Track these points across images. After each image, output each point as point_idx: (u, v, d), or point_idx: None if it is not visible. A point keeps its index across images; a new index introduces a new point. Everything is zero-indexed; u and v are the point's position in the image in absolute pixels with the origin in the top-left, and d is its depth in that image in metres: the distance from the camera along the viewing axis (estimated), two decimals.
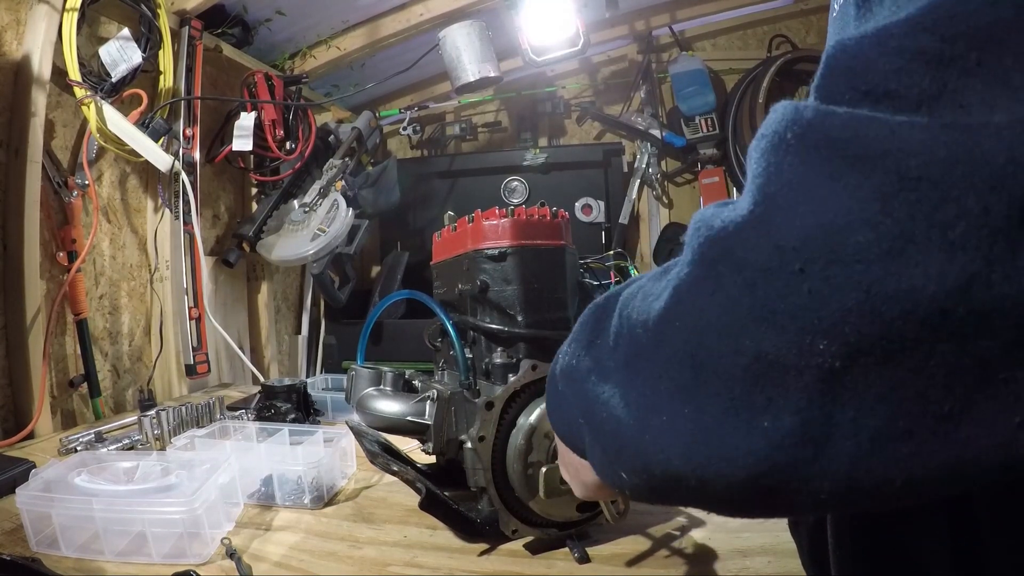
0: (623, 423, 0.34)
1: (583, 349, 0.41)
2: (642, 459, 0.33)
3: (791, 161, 0.28)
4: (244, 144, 2.10)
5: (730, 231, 0.29)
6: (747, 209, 0.28)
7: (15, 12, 1.49)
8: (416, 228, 3.07)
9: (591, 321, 0.41)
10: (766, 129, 0.30)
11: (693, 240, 0.31)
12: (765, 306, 0.27)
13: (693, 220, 0.33)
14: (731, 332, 0.28)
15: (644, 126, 3.02)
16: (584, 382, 0.38)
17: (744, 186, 0.31)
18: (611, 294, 0.41)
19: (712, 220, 0.30)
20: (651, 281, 0.36)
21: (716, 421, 0.29)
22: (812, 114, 0.28)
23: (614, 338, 0.37)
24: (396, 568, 0.81)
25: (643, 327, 0.33)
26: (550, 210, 0.91)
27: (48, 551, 0.83)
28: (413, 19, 2.37)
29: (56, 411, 1.57)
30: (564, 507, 0.82)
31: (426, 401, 0.90)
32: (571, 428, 0.43)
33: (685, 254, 0.32)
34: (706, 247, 0.30)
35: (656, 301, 0.33)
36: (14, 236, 1.46)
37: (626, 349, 0.35)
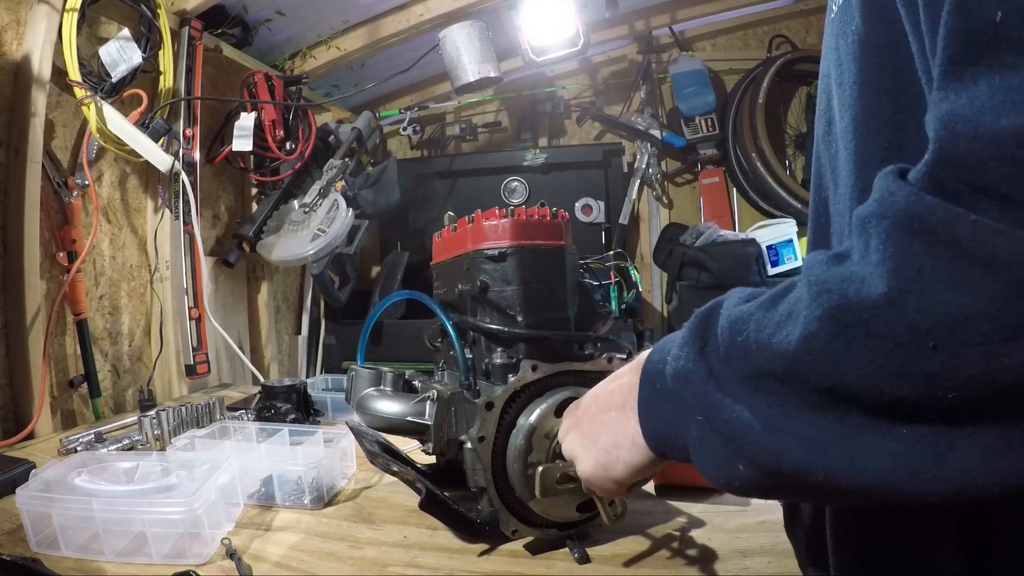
0: (751, 426, 0.41)
1: (696, 354, 0.46)
2: (770, 455, 0.40)
3: (920, 252, 0.34)
4: (244, 144, 2.10)
5: (866, 305, 0.35)
6: (882, 290, 0.34)
7: (15, 12, 1.49)
8: (416, 228, 3.07)
9: (699, 330, 0.47)
10: (886, 209, 0.35)
11: (821, 297, 0.37)
12: (902, 367, 0.34)
13: (813, 272, 0.39)
14: (869, 380, 0.35)
15: (644, 126, 3.02)
16: (704, 384, 0.44)
17: (860, 250, 0.37)
18: (714, 305, 0.47)
19: (845, 288, 0.36)
20: (761, 310, 0.42)
21: (855, 430, 0.36)
22: (943, 213, 0.33)
23: (725, 350, 0.43)
24: (396, 568, 0.81)
25: (767, 359, 0.40)
26: (550, 210, 0.91)
27: (48, 551, 0.83)
28: (413, 19, 2.37)
29: (56, 411, 1.57)
30: (564, 507, 0.82)
31: (426, 401, 0.90)
32: (671, 427, 0.49)
33: (809, 305, 0.38)
34: (839, 312, 0.36)
35: (776, 339, 0.39)
36: (14, 236, 1.46)
37: (741, 368, 0.42)
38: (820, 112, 0.59)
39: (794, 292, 0.40)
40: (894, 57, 0.47)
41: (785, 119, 3.08)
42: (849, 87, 0.51)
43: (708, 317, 0.47)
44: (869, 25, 0.48)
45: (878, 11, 0.48)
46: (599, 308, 1.02)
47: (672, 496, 1.00)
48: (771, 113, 2.97)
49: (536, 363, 0.82)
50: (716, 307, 0.47)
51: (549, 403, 0.80)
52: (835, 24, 0.54)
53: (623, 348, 0.93)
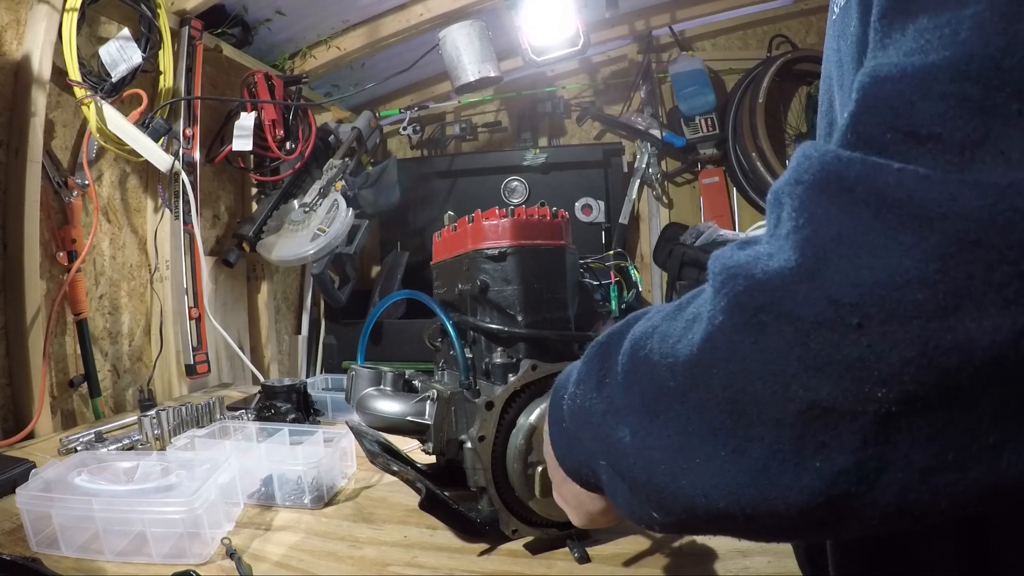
0: (654, 466, 0.35)
1: (593, 390, 0.41)
2: (681, 501, 0.34)
3: (838, 214, 0.28)
4: (244, 144, 2.10)
5: (775, 283, 0.29)
6: (795, 261, 0.29)
7: (15, 12, 1.49)
8: (416, 228, 3.07)
9: (596, 360, 0.42)
10: (800, 174, 0.30)
11: (725, 286, 0.32)
12: (819, 357, 0.28)
13: (718, 262, 0.34)
14: (780, 380, 0.29)
15: (644, 126, 3.02)
16: (600, 425, 0.39)
17: (771, 228, 0.31)
18: (613, 332, 0.42)
19: (750, 268, 0.31)
20: (666, 321, 0.36)
21: (762, 463, 0.30)
22: (860, 167, 0.28)
23: (624, 376, 0.38)
24: (396, 568, 0.81)
25: (668, 370, 0.34)
26: (550, 210, 0.91)
27: (48, 551, 0.83)
28: (413, 19, 2.37)
29: (56, 411, 1.57)
30: None
31: (426, 401, 0.90)
32: (583, 466, 0.44)
33: (713, 299, 0.32)
34: (745, 296, 0.30)
35: (681, 344, 0.33)
36: (14, 236, 1.46)
37: (643, 390, 0.36)
38: (822, 113, 0.59)
39: (703, 293, 0.35)
40: None
41: (785, 119, 3.08)
42: (849, 89, 0.51)
43: (607, 345, 0.42)
44: (865, 26, 0.49)
45: (869, 12, 0.48)
46: (599, 308, 1.03)
47: None
48: (771, 113, 2.97)
49: (536, 363, 0.82)
50: (619, 332, 0.42)
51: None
52: (836, 26, 0.54)
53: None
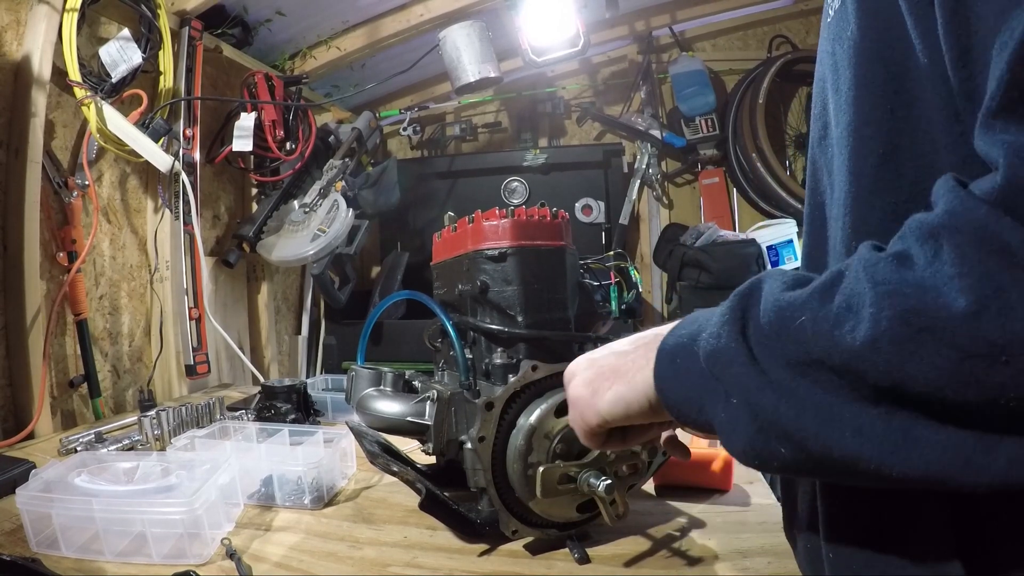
0: (802, 413, 0.41)
1: (738, 335, 0.45)
2: (823, 442, 0.41)
3: (998, 270, 0.35)
4: (244, 144, 2.10)
5: (944, 316, 0.36)
6: (962, 304, 0.36)
7: (15, 12, 1.49)
8: (416, 229, 3.07)
9: (739, 310, 0.46)
10: (959, 222, 0.37)
11: (891, 300, 0.38)
12: (971, 376, 0.36)
13: (876, 270, 0.40)
14: (935, 384, 0.37)
15: (644, 127, 3.02)
16: (745, 367, 0.44)
17: (927, 257, 0.38)
18: (753, 287, 0.47)
19: (920, 295, 0.37)
20: (814, 300, 0.42)
21: (902, 432, 0.38)
22: (1018, 237, 0.35)
23: (769, 334, 0.44)
24: (396, 568, 0.81)
25: (824, 350, 0.40)
26: (550, 210, 0.91)
27: (48, 551, 0.83)
28: (413, 19, 2.37)
29: (56, 411, 1.57)
30: (564, 507, 0.82)
31: (426, 402, 0.90)
32: (699, 400, 0.48)
33: (875, 301, 0.39)
34: (912, 316, 0.37)
35: (838, 333, 0.40)
36: (14, 236, 1.46)
37: (790, 353, 0.42)
38: (815, 116, 0.59)
39: (847, 284, 0.41)
40: (890, 63, 0.47)
41: (785, 119, 3.08)
42: (845, 92, 0.51)
43: (747, 297, 0.47)
44: (863, 30, 0.49)
45: (874, 16, 0.48)
46: (599, 308, 1.03)
47: (672, 496, 1.00)
48: (771, 113, 2.97)
49: (536, 363, 0.82)
50: (755, 289, 0.47)
51: (549, 403, 0.80)
52: (831, 28, 0.54)
53: None
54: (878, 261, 0.40)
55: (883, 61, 0.47)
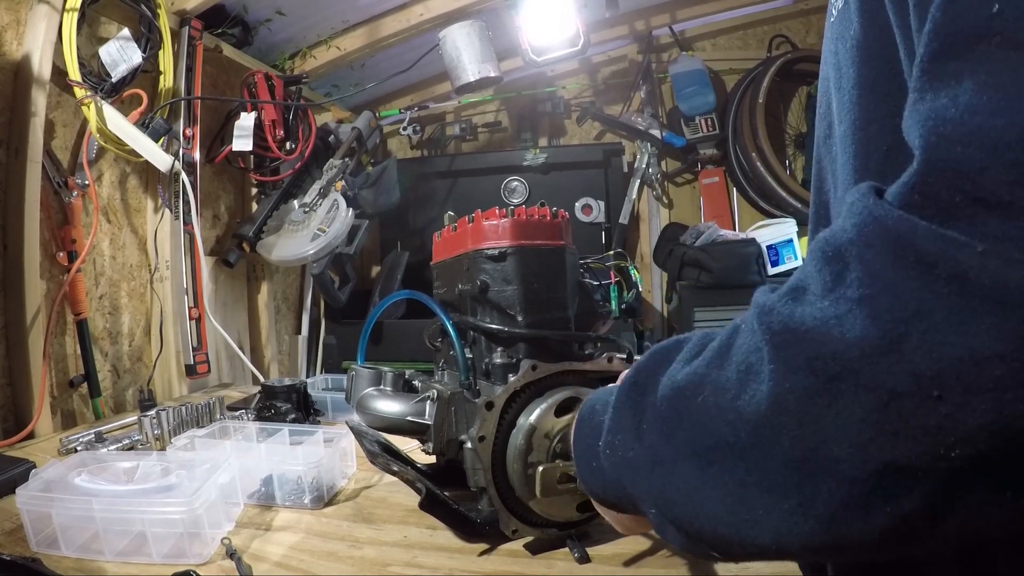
0: (715, 518, 0.37)
1: (633, 439, 0.42)
2: (747, 547, 0.37)
3: (918, 289, 0.30)
4: (244, 144, 2.10)
5: (854, 353, 0.31)
6: (874, 334, 0.30)
7: (15, 12, 1.49)
8: (416, 228, 3.07)
9: (628, 404, 0.43)
10: (868, 236, 0.32)
11: (790, 348, 0.33)
12: (898, 422, 0.30)
13: (773, 317, 0.35)
14: (856, 443, 0.31)
15: (644, 126, 3.02)
16: (649, 476, 0.41)
17: (829, 283, 0.33)
18: (641, 371, 0.43)
19: (821, 333, 0.32)
20: (713, 369, 0.38)
21: (830, 514, 0.33)
22: (940, 243, 0.29)
23: (666, 424, 0.39)
24: (396, 568, 0.81)
25: (729, 425, 0.36)
26: (550, 210, 0.91)
27: (48, 551, 0.83)
28: (413, 19, 2.37)
29: (56, 411, 1.57)
30: (564, 507, 0.82)
31: (426, 401, 0.90)
32: (622, 501, 0.47)
33: (773, 355, 0.34)
34: (819, 363, 0.32)
35: (741, 401, 0.35)
36: (14, 236, 1.46)
37: (692, 439, 0.38)
38: (820, 115, 0.59)
39: (741, 339, 0.37)
40: (889, 61, 0.47)
41: (785, 119, 3.08)
42: (848, 91, 0.51)
43: (637, 386, 0.44)
44: (865, 29, 0.49)
45: (872, 14, 0.48)
46: (599, 308, 1.02)
47: None
48: (771, 113, 2.97)
49: (536, 363, 0.82)
50: (648, 371, 0.44)
51: (549, 403, 0.80)
52: (835, 28, 0.54)
53: (623, 348, 0.93)
54: (772, 305, 0.35)
55: (884, 59, 0.47)
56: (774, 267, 2.68)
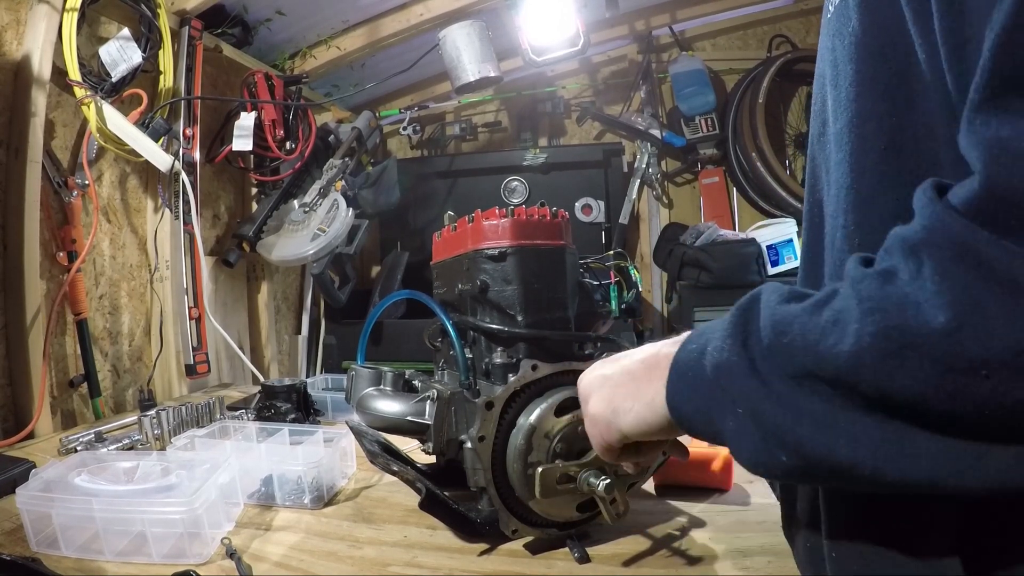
0: (799, 421, 0.43)
1: (740, 347, 0.47)
2: (821, 450, 0.42)
3: (978, 287, 0.36)
4: (244, 144, 2.10)
5: (924, 332, 0.37)
6: (941, 321, 0.36)
7: (15, 12, 1.49)
8: (416, 228, 3.07)
9: (740, 323, 0.48)
10: (937, 238, 0.37)
11: (874, 314, 0.39)
12: (954, 390, 0.37)
13: (862, 286, 0.41)
14: (921, 396, 0.38)
15: (644, 126, 3.02)
16: (747, 378, 0.45)
17: (911, 271, 0.39)
18: (753, 299, 0.48)
19: (901, 311, 0.38)
20: (805, 314, 0.43)
21: (896, 436, 0.39)
22: (999, 252, 0.35)
23: (768, 347, 0.45)
24: (396, 568, 0.81)
25: (814, 361, 0.42)
26: (550, 210, 0.91)
27: (48, 551, 0.83)
28: (413, 19, 2.37)
29: (56, 411, 1.57)
30: (564, 507, 0.82)
31: (426, 401, 0.90)
32: (707, 411, 0.49)
33: (860, 317, 0.40)
34: (895, 332, 0.38)
35: (823, 346, 0.41)
36: (14, 236, 1.46)
37: (784, 364, 0.44)
38: (815, 113, 0.59)
39: (837, 300, 0.42)
40: (891, 59, 0.47)
41: (785, 119, 3.08)
42: (845, 89, 0.51)
43: (748, 311, 0.48)
44: (865, 26, 0.49)
45: (875, 12, 0.48)
46: (599, 308, 1.02)
47: (672, 496, 1.00)
48: (771, 113, 2.97)
49: (536, 363, 0.82)
50: (754, 301, 0.48)
51: (549, 403, 0.80)
52: (832, 25, 0.54)
53: (623, 348, 0.93)
54: (864, 277, 0.41)
55: (884, 56, 0.47)
56: (774, 267, 2.68)
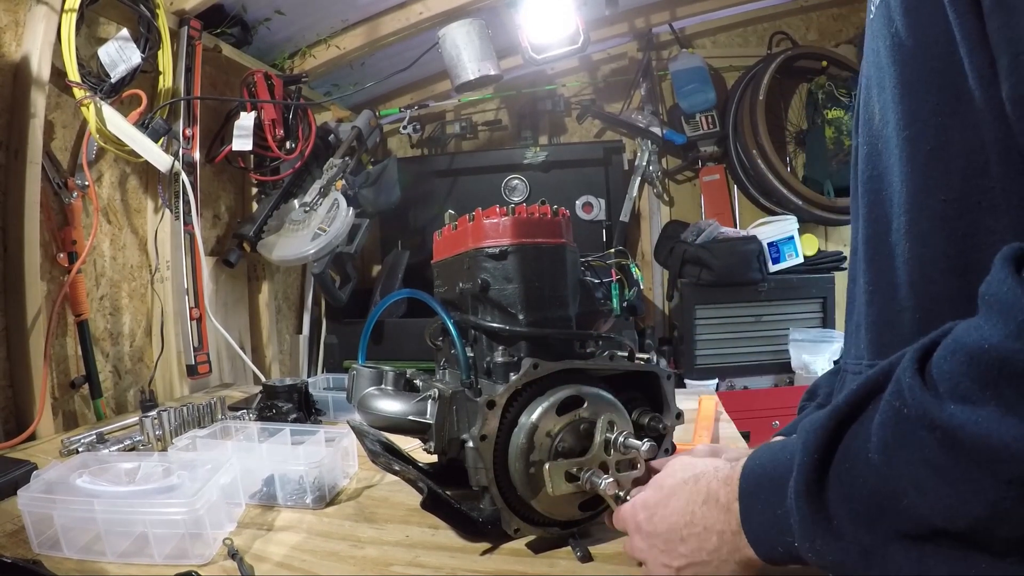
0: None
1: (834, 540, 0.45)
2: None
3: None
4: (244, 144, 2.10)
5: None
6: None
7: (14, 13, 1.48)
8: (417, 227, 3.07)
9: (813, 504, 0.47)
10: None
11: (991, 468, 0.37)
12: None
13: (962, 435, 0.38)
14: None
15: (644, 124, 3.01)
16: (861, 565, 0.44)
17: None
18: (810, 468, 0.47)
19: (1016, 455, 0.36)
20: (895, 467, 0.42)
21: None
22: None
23: (861, 516, 0.44)
24: (398, 568, 0.81)
25: (943, 519, 0.40)
26: (551, 208, 0.90)
27: (50, 552, 0.83)
28: (412, 17, 2.37)
29: (57, 412, 1.57)
30: (566, 506, 0.82)
31: (427, 400, 0.90)
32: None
33: (976, 479, 0.38)
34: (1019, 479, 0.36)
35: (944, 504, 0.39)
36: (14, 237, 1.45)
37: (896, 525, 0.42)
38: (862, 103, 0.59)
39: (909, 439, 0.40)
40: (934, 60, 0.46)
41: (786, 116, 3.08)
42: (890, 90, 0.51)
43: (811, 484, 0.46)
44: (909, 29, 0.48)
45: (917, 14, 0.47)
46: (600, 306, 1.02)
47: None
48: (772, 110, 2.96)
49: (537, 361, 0.82)
50: (816, 469, 0.46)
51: (551, 401, 0.80)
52: (874, 26, 0.54)
53: (624, 346, 0.92)
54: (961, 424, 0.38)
55: (927, 59, 0.47)
56: (775, 264, 2.68)
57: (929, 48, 0.47)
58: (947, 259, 0.49)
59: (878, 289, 0.59)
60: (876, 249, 0.59)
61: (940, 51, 0.45)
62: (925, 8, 0.46)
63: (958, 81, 0.45)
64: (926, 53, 0.47)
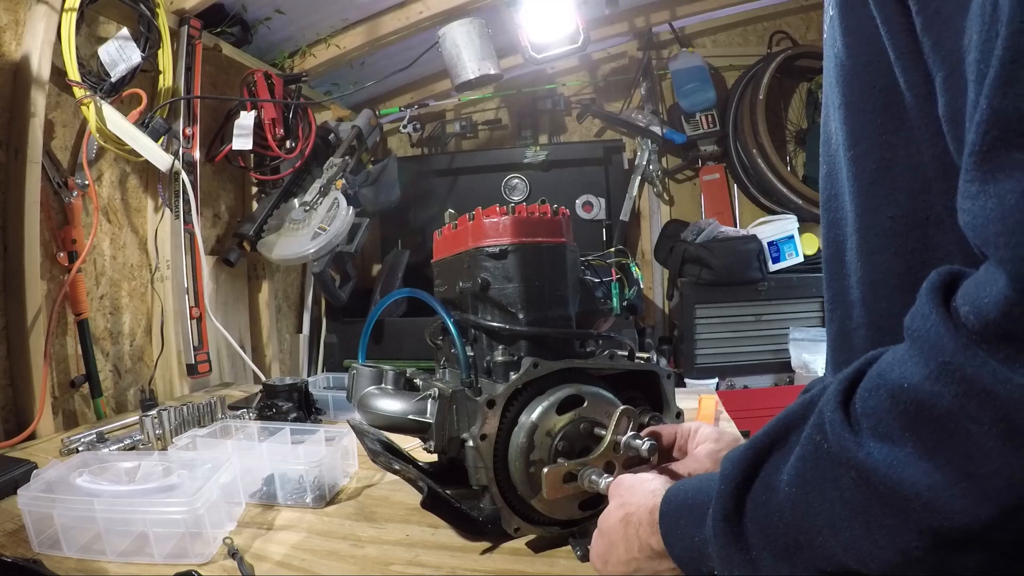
0: None
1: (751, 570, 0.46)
2: None
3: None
4: (244, 143, 2.10)
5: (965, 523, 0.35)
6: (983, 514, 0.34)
7: (14, 12, 1.48)
8: (417, 226, 3.07)
9: (729, 538, 0.47)
10: (943, 388, 0.34)
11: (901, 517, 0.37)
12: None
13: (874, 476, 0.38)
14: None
15: (644, 123, 3.01)
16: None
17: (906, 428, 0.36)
18: (729, 497, 0.47)
19: (931, 507, 0.36)
20: (798, 489, 0.42)
21: None
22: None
23: (781, 551, 0.44)
24: (398, 567, 0.81)
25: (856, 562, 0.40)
26: (551, 207, 0.90)
27: (50, 552, 0.83)
28: (413, 17, 2.36)
29: (57, 411, 1.57)
30: (566, 505, 0.82)
31: (427, 399, 0.90)
32: None
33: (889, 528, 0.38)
34: (930, 532, 0.36)
35: (862, 548, 0.39)
36: (14, 237, 1.45)
37: (813, 561, 0.43)
38: (824, 132, 0.60)
39: (833, 479, 0.40)
40: (876, 80, 0.47)
41: (786, 115, 3.08)
42: (834, 110, 0.51)
43: (729, 517, 0.47)
44: (849, 48, 0.49)
45: (856, 34, 0.48)
46: (600, 305, 1.02)
47: None
48: (772, 109, 2.96)
49: (537, 360, 0.82)
50: (735, 500, 0.47)
51: (551, 401, 0.80)
52: (826, 45, 0.54)
53: (624, 345, 0.92)
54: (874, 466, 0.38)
55: (868, 77, 0.47)
56: (775, 263, 2.68)
57: (868, 67, 0.47)
58: (897, 276, 0.50)
59: (836, 307, 0.59)
60: (834, 268, 0.59)
61: (877, 70, 0.46)
62: (863, 28, 0.46)
63: (897, 99, 0.45)
64: (866, 72, 0.47)
